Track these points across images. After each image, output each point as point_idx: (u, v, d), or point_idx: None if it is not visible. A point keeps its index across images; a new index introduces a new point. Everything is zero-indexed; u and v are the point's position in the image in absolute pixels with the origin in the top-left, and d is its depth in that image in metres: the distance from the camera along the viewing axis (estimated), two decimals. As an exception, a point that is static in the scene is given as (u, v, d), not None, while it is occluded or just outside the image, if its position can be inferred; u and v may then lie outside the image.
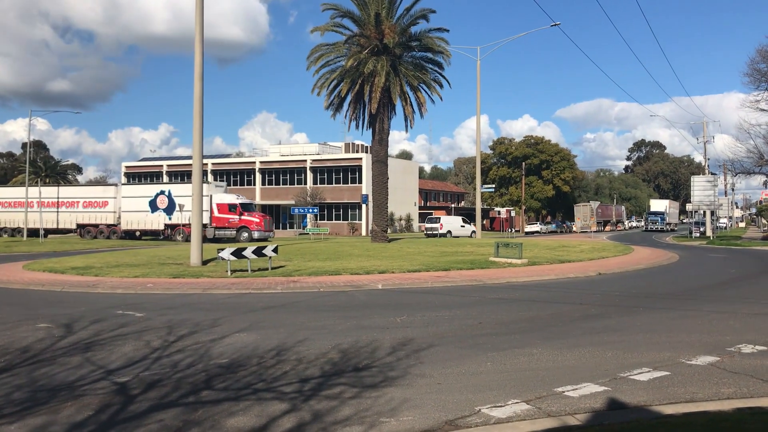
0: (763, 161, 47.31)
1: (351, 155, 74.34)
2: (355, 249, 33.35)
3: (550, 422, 6.36)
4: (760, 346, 9.89)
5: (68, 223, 54.71)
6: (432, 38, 40.08)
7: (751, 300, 15.64)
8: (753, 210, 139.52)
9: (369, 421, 6.47)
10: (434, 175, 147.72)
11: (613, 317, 13.00)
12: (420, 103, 40.43)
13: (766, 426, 5.86)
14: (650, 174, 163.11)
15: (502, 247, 27.03)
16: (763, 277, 22.08)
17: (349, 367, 8.67)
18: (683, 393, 7.42)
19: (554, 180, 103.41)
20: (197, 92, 24.08)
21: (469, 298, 16.17)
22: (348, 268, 22.66)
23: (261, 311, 14.11)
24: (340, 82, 39.83)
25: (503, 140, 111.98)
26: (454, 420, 6.49)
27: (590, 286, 18.91)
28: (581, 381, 7.87)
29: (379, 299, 16.10)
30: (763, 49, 47.10)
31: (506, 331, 11.48)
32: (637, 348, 9.86)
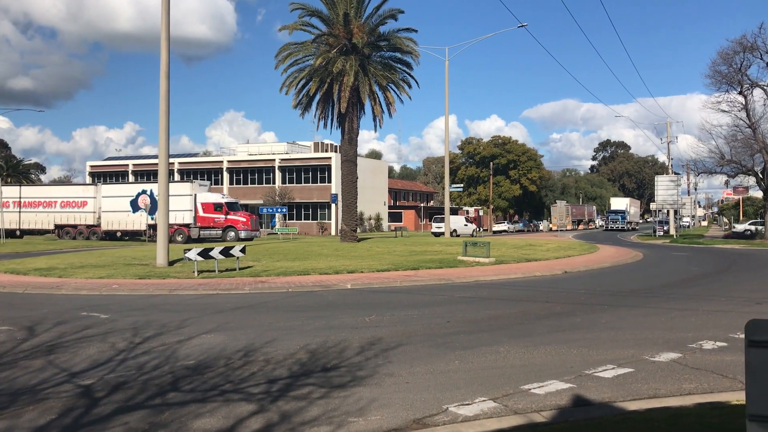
0: (724, 161, 48.34)
1: (320, 154, 74.15)
2: (324, 249, 33.28)
3: (516, 420, 6.44)
4: (720, 343, 10.12)
5: (46, 224, 52.85)
6: (401, 38, 40.14)
7: (712, 297, 15.99)
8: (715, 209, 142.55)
9: (337, 421, 6.48)
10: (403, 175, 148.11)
11: (578, 315, 13.18)
12: (389, 102, 40.49)
13: (726, 420, 6.00)
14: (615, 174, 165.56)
15: (471, 246, 27.22)
16: (724, 274, 22.58)
17: (318, 368, 8.67)
18: (646, 389, 7.56)
19: (521, 180, 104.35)
20: (163, 90, 23.80)
21: (438, 297, 16.25)
22: (317, 268, 22.61)
23: (228, 312, 14.01)
24: (309, 81, 39.68)
25: (471, 140, 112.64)
26: (422, 419, 6.53)
27: (556, 285, 19.14)
28: (547, 378, 7.97)
29: (348, 299, 16.10)
30: (724, 52, 48.16)
31: (474, 329, 11.58)
32: (602, 345, 10.03)
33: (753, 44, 45.86)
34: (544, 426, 6.18)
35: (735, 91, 48.49)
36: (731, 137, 48.71)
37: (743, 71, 47.53)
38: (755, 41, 45.81)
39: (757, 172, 47.91)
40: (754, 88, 47.85)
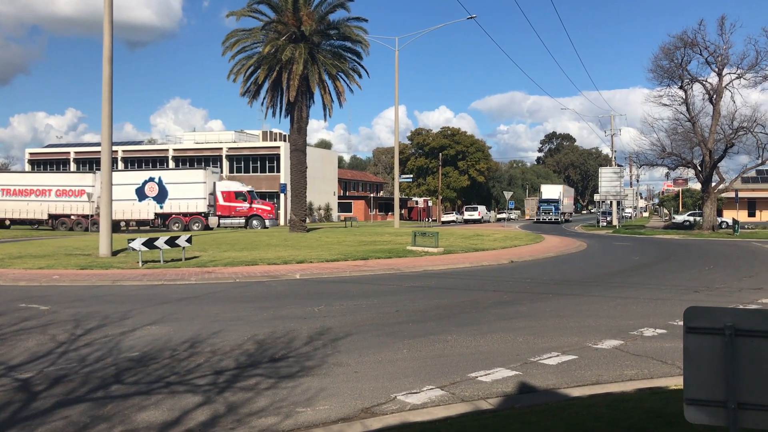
0: (665, 154, 49.72)
1: (269, 143, 73.33)
2: (273, 239, 32.99)
3: (463, 407, 6.51)
4: (660, 330, 10.44)
5: (39, 213, 49.93)
6: (350, 27, 39.94)
7: (653, 286, 16.47)
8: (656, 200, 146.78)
9: (285, 411, 6.44)
10: (353, 165, 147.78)
11: (524, 304, 13.41)
12: (339, 91, 40.29)
13: (665, 405, 6.19)
14: (561, 165, 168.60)
15: (419, 236, 27.38)
16: (664, 263, 23.28)
17: (266, 358, 8.60)
18: (589, 376, 7.75)
19: (470, 170, 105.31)
20: (106, 76, 23.14)
21: (387, 287, 16.30)
22: (265, 258, 22.40)
23: (174, 303, 13.77)
24: (257, 68, 39.14)
25: (421, 131, 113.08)
26: (370, 408, 6.55)
27: (503, 274, 19.43)
28: (494, 366, 8.09)
29: (296, 289, 16.01)
30: (665, 47, 49.43)
31: (423, 318, 11.66)
32: (547, 333, 10.23)
33: (693, 40, 47.23)
34: (491, 413, 6.27)
35: (676, 85, 49.88)
36: (672, 130, 50.15)
37: (684, 66, 48.92)
38: (695, 37, 47.19)
39: (695, 165, 49.47)
40: (693, 83, 49.32)
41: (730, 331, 4.27)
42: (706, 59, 48.17)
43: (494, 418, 6.03)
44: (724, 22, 46.81)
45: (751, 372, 4.30)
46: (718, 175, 50.02)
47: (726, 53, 47.22)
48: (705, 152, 47.66)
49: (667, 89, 50.23)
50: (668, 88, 50.19)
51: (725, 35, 46.99)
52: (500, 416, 6.08)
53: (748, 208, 74.80)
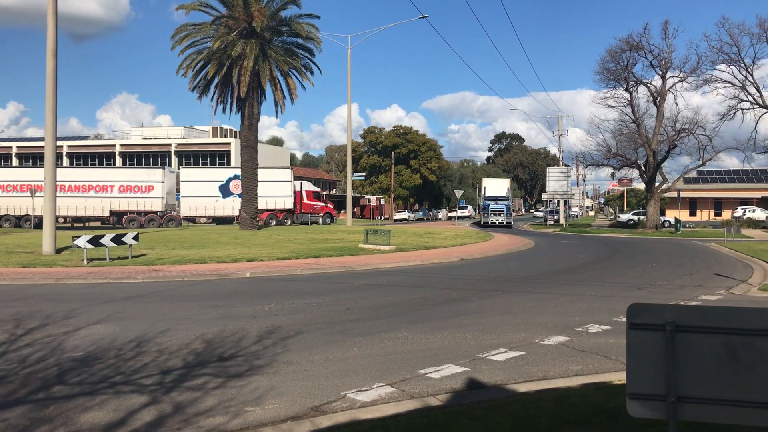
0: (610, 154, 50.90)
1: (219, 140, 72.45)
2: (223, 237, 32.57)
3: (412, 404, 6.55)
4: (604, 326, 10.69)
5: (99, 210, 48.19)
6: (302, 24, 39.72)
7: (598, 283, 16.86)
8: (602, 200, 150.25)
9: (233, 410, 6.37)
10: (306, 163, 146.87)
11: (473, 301, 13.56)
12: (291, 88, 40.06)
13: (609, 399, 6.33)
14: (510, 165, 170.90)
15: (372, 234, 27.41)
16: (609, 261, 23.85)
17: (214, 357, 8.49)
18: (536, 371, 7.89)
19: (421, 169, 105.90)
20: (50, 69, 22.46)
21: (339, 285, 16.27)
22: (215, 256, 22.10)
23: (120, 302, 13.47)
24: (207, 63, 38.61)
25: (373, 129, 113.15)
26: (320, 406, 6.53)
27: (453, 271, 19.61)
28: (443, 363, 8.16)
29: (246, 287, 15.84)
30: (612, 50, 50.59)
31: (374, 316, 11.68)
32: (496, 329, 10.36)
33: (638, 43, 48.47)
34: (439, 409, 6.32)
35: (621, 87, 51.12)
36: (617, 131, 51.38)
37: (629, 69, 50.16)
38: (640, 41, 48.45)
39: (640, 165, 50.78)
40: (638, 85, 50.62)
41: (671, 327, 4.39)
42: (651, 62, 49.52)
43: (443, 414, 6.08)
44: (667, 26, 48.24)
45: (690, 366, 4.44)
46: (662, 176, 51.47)
47: (669, 57, 48.65)
48: (649, 153, 48.97)
49: (613, 91, 51.47)
50: (614, 90, 51.43)
51: (669, 39, 48.41)
52: (449, 412, 6.14)
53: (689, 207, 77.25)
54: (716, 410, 4.45)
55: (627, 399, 4.55)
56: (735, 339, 4.38)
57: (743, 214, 60.71)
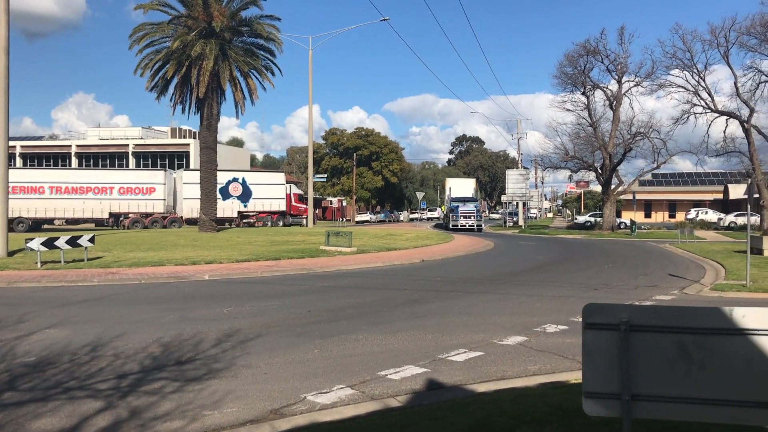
0: (568, 157, 51.72)
1: (178, 140, 71.47)
2: (181, 239, 32.12)
3: (372, 405, 6.55)
4: (562, 326, 10.85)
5: (98, 212, 47.72)
6: (263, 24, 39.44)
7: (555, 284, 17.10)
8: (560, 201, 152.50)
9: (191, 414, 6.28)
10: (267, 164, 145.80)
11: (434, 302, 13.63)
12: (251, 89, 39.72)
13: (566, 398, 6.42)
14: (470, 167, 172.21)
15: (333, 236, 27.34)
16: (566, 262, 24.21)
17: (171, 361, 8.36)
18: (495, 371, 7.96)
19: (383, 171, 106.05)
20: (2, 67, 21.87)
21: (299, 287, 16.19)
22: (173, 258, 21.78)
23: (75, 305, 13.17)
24: (166, 63, 38.05)
25: (335, 131, 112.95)
26: (279, 409, 6.48)
27: (414, 273, 19.68)
28: (403, 364, 8.18)
29: (205, 290, 15.65)
30: (569, 55, 51.45)
31: (334, 318, 11.65)
32: (455, 330, 10.43)
33: (595, 48, 49.37)
34: (399, 410, 6.33)
35: (579, 91, 52.03)
36: (575, 135, 52.27)
37: (586, 73, 51.06)
38: (597, 46, 49.36)
39: (596, 168, 51.69)
40: (595, 89, 51.57)
41: (625, 327, 4.48)
42: (607, 67, 50.48)
43: (402, 415, 6.10)
44: (623, 32, 49.23)
45: (643, 365, 4.53)
46: (618, 178, 52.48)
47: (625, 62, 49.67)
48: (605, 156, 49.89)
49: (571, 95, 52.38)
50: (572, 94, 52.33)
51: (625, 45, 49.58)
52: (408, 413, 6.16)
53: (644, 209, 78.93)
54: (669, 408, 4.55)
55: (583, 398, 4.63)
56: (687, 338, 4.48)
57: (696, 216, 62.29)
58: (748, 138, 45.06)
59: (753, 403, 4.40)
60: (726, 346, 4.43)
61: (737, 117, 45.66)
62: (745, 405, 4.42)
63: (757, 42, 43.91)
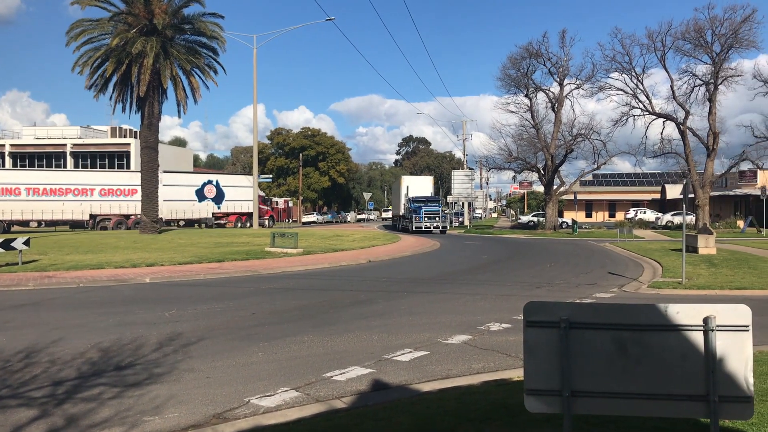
0: (512, 158, 52.59)
1: (118, 140, 69.59)
2: (122, 241, 31.32)
3: (317, 407, 6.51)
4: (505, 324, 11.00)
5: (78, 214, 46.63)
6: (206, 22, 38.83)
7: (499, 282, 17.35)
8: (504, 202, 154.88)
9: (131, 421, 6.12)
10: (210, 164, 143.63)
11: (380, 302, 13.65)
12: (194, 88, 39.03)
13: (508, 396, 6.51)
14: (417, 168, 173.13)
15: (278, 237, 27.09)
16: (510, 261, 24.59)
17: (111, 367, 8.13)
18: (440, 370, 8.02)
19: (330, 171, 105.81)
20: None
21: (243, 289, 15.98)
22: (112, 261, 21.21)
23: (8, 310, 12.68)
24: (105, 61, 37.02)
25: (281, 131, 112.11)
26: (222, 413, 6.38)
27: (361, 273, 19.67)
28: (349, 365, 8.16)
29: (146, 293, 15.29)
30: (513, 57, 52.34)
31: (279, 320, 11.54)
32: (401, 330, 10.47)
33: (537, 51, 50.35)
34: (344, 412, 6.31)
35: (522, 93, 53.00)
36: (518, 136, 53.20)
37: (529, 76, 52.05)
38: (539, 48, 50.35)
39: (539, 169, 52.69)
40: (538, 91, 52.60)
41: (565, 324, 4.56)
42: (549, 69, 51.55)
43: (347, 416, 6.08)
44: (565, 35, 50.36)
45: (583, 362, 4.62)
46: (560, 179, 53.63)
47: (566, 65, 50.83)
48: (548, 157, 50.91)
49: (514, 97, 53.33)
50: (515, 96, 53.29)
51: (566, 48, 50.59)
52: (353, 414, 6.14)
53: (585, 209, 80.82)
54: (608, 403, 4.66)
55: (525, 395, 4.69)
56: (624, 334, 4.59)
57: (635, 216, 64.16)
58: (683, 140, 46.68)
59: (686, 396, 4.54)
60: (661, 342, 4.56)
61: (674, 119, 47.26)
62: (679, 398, 4.56)
63: (692, 47, 45.60)
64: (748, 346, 4.49)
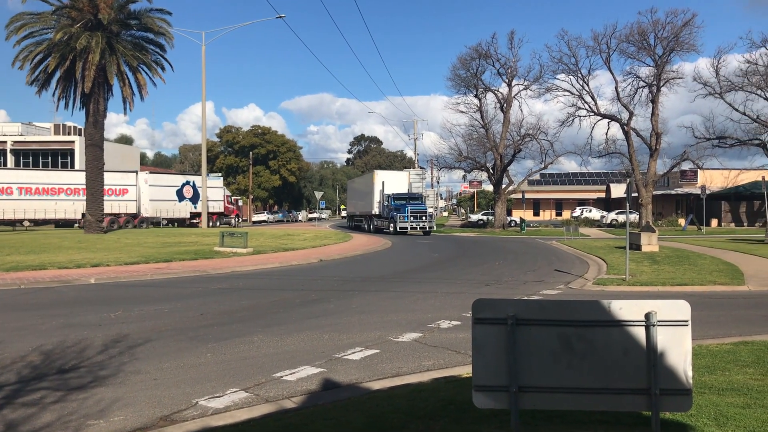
0: (462, 157, 53.17)
1: (61, 138, 67.62)
2: (66, 241, 30.47)
3: (267, 408, 6.46)
4: (455, 321, 11.12)
5: (71, 213, 47.89)
6: (153, 18, 38.11)
7: (450, 280, 17.51)
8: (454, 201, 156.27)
9: (74, 425, 5.97)
10: (158, 162, 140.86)
11: (331, 301, 13.63)
12: (140, 84, 38.24)
13: (457, 392, 6.57)
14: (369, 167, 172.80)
15: (228, 237, 26.77)
16: (460, 259, 24.84)
17: (53, 370, 7.91)
18: (390, 368, 8.05)
19: (281, 170, 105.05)
20: None
21: (192, 290, 15.74)
22: (56, 261, 20.62)
23: (-57, 314, 12.21)
24: (48, 56, 35.95)
25: (230, 129, 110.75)
26: (170, 415, 6.28)
27: (312, 273, 19.60)
28: (299, 365, 8.12)
29: (91, 295, 14.91)
30: (463, 58, 52.89)
31: (229, 320, 11.40)
32: (352, 329, 10.47)
33: (487, 52, 51.00)
34: (294, 412, 6.28)
35: (471, 93, 53.64)
36: (468, 136, 53.83)
37: (479, 76, 52.68)
38: (488, 49, 51.01)
39: (488, 168, 53.40)
40: (487, 92, 53.31)
41: (512, 321, 4.64)
42: (498, 70, 52.29)
43: (297, 416, 6.05)
44: (513, 36, 51.13)
45: (529, 357, 4.71)
46: (508, 178, 54.45)
47: (515, 66, 51.64)
48: (497, 157, 51.61)
49: (464, 97, 53.94)
50: (465, 96, 53.91)
51: (514, 49, 51.44)
52: (303, 414, 6.11)
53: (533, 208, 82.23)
54: (554, 398, 4.76)
55: (473, 391, 4.75)
56: (569, 330, 4.70)
57: (581, 214, 65.56)
58: (627, 140, 47.94)
59: (628, 390, 4.67)
60: (605, 338, 4.68)
61: (618, 120, 48.49)
62: (622, 392, 4.69)
63: (636, 49, 46.87)
64: (687, 340, 4.64)
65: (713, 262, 21.28)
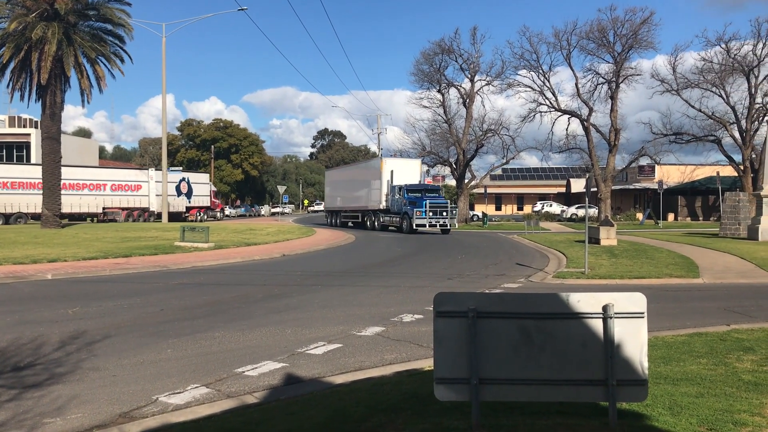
0: (425, 152, 53.38)
1: (16, 130, 65.86)
2: (21, 236, 29.75)
3: (228, 403, 6.42)
4: (417, 315, 11.18)
5: (93, 207, 51.64)
6: (112, 9, 37.35)
7: (412, 274, 17.60)
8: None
9: (29, 423, 5.84)
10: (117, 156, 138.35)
11: (294, 296, 13.58)
12: (99, 76, 37.44)
13: (419, 385, 6.61)
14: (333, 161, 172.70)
15: (189, 232, 26.45)
16: (422, 254, 24.95)
17: (8, 368, 7.73)
18: (353, 362, 8.07)
19: (243, 164, 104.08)
20: None
21: (152, 285, 15.52)
22: (10, 257, 20.11)
23: None
24: (2, 46, 34.98)
25: (191, 122, 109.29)
26: (129, 412, 6.19)
27: (274, 267, 19.49)
28: (261, 360, 8.08)
29: (47, 291, 14.59)
30: (426, 52, 53.06)
31: (190, 316, 11.28)
32: (315, 323, 10.46)
33: (450, 47, 51.29)
34: (256, 407, 6.26)
35: (435, 89, 53.88)
36: (431, 131, 54.11)
37: (442, 71, 52.95)
38: (451, 45, 51.28)
39: (451, 163, 53.73)
40: (450, 87, 53.60)
41: (473, 314, 4.70)
42: (461, 66, 52.63)
43: (259, 411, 6.03)
44: (476, 32, 51.51)
45: (490, 350, 4.77)
46: (471, 173, 54.90)
47: (477, 61, 52.04)
48: (459, 151, 51.96)
49: (427, 92, 54.17)
50: (428, 91, 54.14)
51: (477, 45, 51.96)
52: (265, 409, 6.09)
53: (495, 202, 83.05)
54: (514, 390, 4.83)
55: (434, 384, 4.80)
56: (529, 323, 4.77)
57: (542, 209, 66.47)
58: (587, 135, 48.70)
59: (586, 381, 4.77)
60: (564, 330, 4.76)
61: (578, 116, 49.22)
62: (580, 383, 4.78)
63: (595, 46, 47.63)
64: (643, 332, 4.75)
65: (669, 255, 21.77)
